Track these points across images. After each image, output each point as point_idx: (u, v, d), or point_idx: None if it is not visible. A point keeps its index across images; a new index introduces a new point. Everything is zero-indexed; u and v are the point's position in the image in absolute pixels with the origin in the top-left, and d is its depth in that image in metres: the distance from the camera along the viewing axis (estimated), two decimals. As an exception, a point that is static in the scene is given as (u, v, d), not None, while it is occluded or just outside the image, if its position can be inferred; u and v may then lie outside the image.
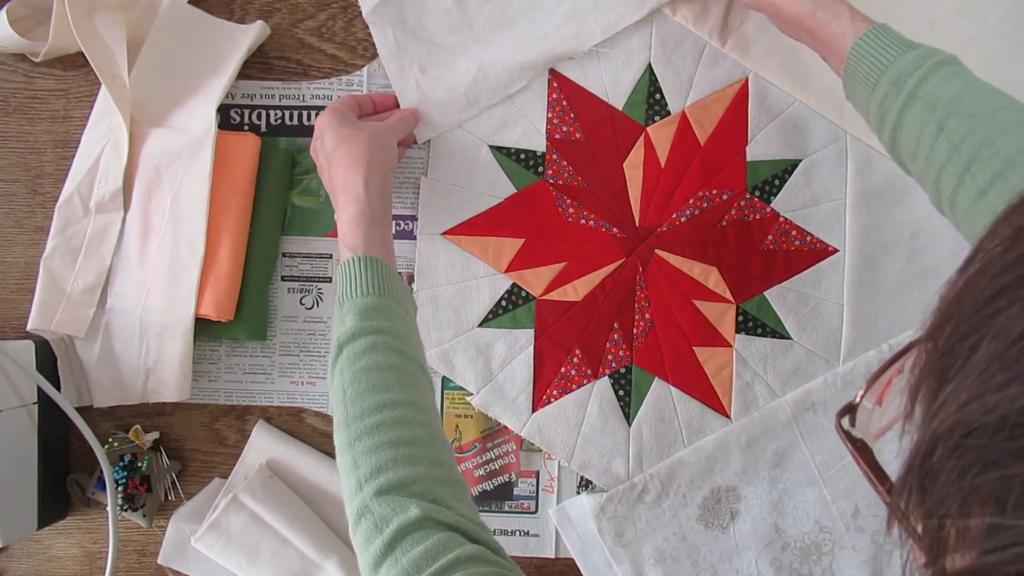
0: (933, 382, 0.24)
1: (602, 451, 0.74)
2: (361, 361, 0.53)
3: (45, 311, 0.72)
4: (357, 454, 0.50)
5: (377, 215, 0.61)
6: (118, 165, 0.72)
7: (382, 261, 0.58)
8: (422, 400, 0.54)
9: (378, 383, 0.52)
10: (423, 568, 0.44)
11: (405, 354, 0.55)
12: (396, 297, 0.58)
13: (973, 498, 0.21)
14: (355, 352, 0.54)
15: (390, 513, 0.47)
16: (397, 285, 0.59)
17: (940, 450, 0.23)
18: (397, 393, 0.52)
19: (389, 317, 0.56)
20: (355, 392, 0.52)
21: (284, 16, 0.75)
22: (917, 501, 0.24)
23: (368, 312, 0.55)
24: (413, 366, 0.55)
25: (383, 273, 0.58)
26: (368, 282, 0.56)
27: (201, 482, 0.76)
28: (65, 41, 0.71)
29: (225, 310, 0.72)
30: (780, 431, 0.74)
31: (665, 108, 0.75)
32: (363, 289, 0.56)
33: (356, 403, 0.52)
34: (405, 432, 0.51)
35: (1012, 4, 0.73)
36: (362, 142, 0.63)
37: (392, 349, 0.54)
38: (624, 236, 0.75)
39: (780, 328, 0.74)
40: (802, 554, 0.74)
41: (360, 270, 0.57)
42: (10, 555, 0.76)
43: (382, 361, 0.53)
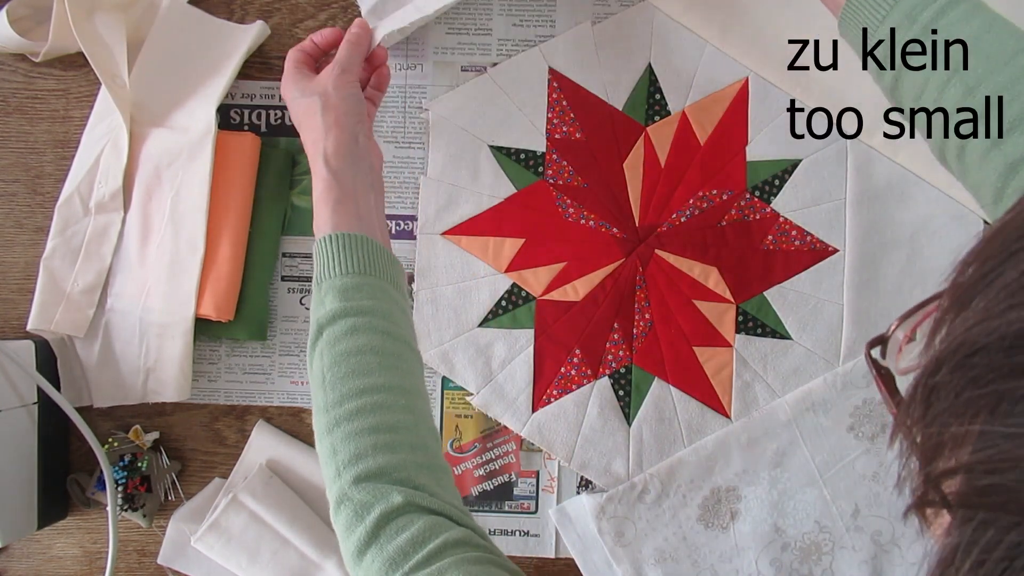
0: (951, 315, 0.26)
1: (602, 451, 0.74)
2: (342, 344, 0.51)
3: (45, 311, 0.72)
4: (336, 440, 0.48)
5: (346, 187, 0.57)
6: (118, 165, 0.72)
7: (358, 235, 0.55)
8: (407, 382, 0.52)
9: (359, 367, 0.50)
10: (410, 555, 0.43)
11: (389, 333, 0.52)
12: (379, 271, 0.55)
13: (969, 409, 0.23)
14: (335, 335, 0.51)
15: (371, 500, 0.45)
16: (379, 258, 0.55)
17: (944, 368, 0.24)
18: (379, 377, 0.50)
19: (372, 295, 0.53)
20: (335, 376, 0.50)
21: (284, 16, 0.75)
22: (920, 414, 0.26)
23: (348, 292, 0.52)
24: (398, 345, 0.53)
25: (361, 247, 0.54)
26: (345, 260, 0.53)
27: (201, 482, 0.76)
28: (65, 41, 0.71)
29: (225, 310, 0.72)
30: (780, 431, 0.73)
31: (665, 108, 0.75)
32: (341, 268, 0.53)
33: (336, 388, 0.50)
34: (386, 417, 0.49)
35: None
36: (314, 112, 0.59)
37: (374, 330, 0.52)
38: (624, 236, 0.75)
39: (780, 328, 0.74)
40: (802, 554, 0.74)
41: (335, 249, 0.54)
42: (10, 555, 0.76)
43: (364, 343, 0.51)
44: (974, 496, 0.22)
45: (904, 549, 0.74)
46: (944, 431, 0.24)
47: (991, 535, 0.22)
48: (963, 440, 0.23)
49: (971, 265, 0.26)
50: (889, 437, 0.28)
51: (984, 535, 0.22)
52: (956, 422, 0.24)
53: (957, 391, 0.24)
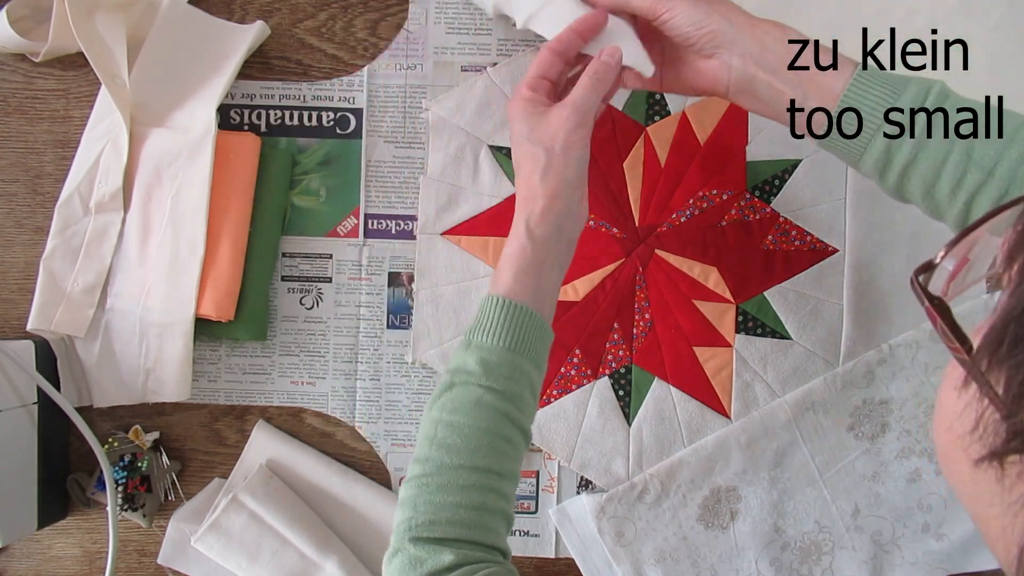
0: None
1: (602, 451, 0.74)
2: (464, 411, 0.53)
3: (45, 311, 0.72)
4: (419, 499, 0.52)
5: (538, 258, 0.56)
6: (118, 165, 0.72)
7: (525, 308, 0.55)
8: (506, 468, 0.54)
9: (469, 441, 0.52)
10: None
11: (509, 417, 0.54)
12: (528, 349, 0.55)
13: None
14: (463, 398, 0.53)
15: (425, 556, 0.50)
16: (533, 335, 0.55)
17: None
18: (483, 458, 0.52)
19: (510, 375, 0.54)
20: (444, 439, 0.52)
21: (284, 16, 0.75)
22: (1007, 353, 0.23)
23: (491, 365, 0.53)
24: (512, 430, 0.54)
25: (522, 323, 0.54)
26: (502, 331, 0.54)
27: (201, 482, 0.76)
28: (65, 41, 0.71)
29: (225, 310, 0.72)
30: (780, 431, 0.74)
31: (665, 108, 0.75)
32: (497, 337, 0.54)
33: (440, 451, 0.52)
34: (473, 498, 0.52)
35: (1012, 4, 0.73)
36: (535, 167, 0.56)
37: (497, 411, 0.53)
38: (624, 236, 0.75)
39: (780, 328, 0.74)
40: (802, 554, 0.74)
41: (499, 315, 0.54)
42: (10, 555, 0.76)
43: (483, 421, 0.53)
44: None
45: (904, 549, 0.74)
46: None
47: None
48: None
49: None
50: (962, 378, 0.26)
51: None
52: None
53: None
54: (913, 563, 0.74)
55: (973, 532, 0.74)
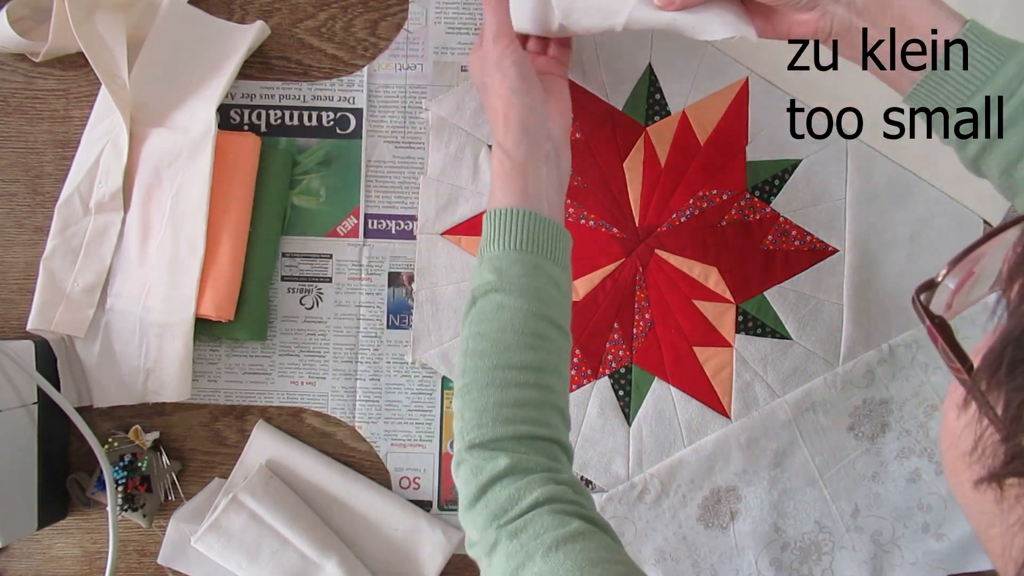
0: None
1: (602, 451, 0.74)
2: (487, 319, 0.55)
3: (45, 311, 0.72)
4: (465, 406, 0.54)
5: (516, 163, 0.58)
6: (118, 165, 0.72)
7: (520, 211, 0.56)
8: (547, 363, 0.55)
9: (498, 343, 0.54)
10: (506, 511, 0.49)
11: (535, 313, 0.55)
12: (538, 247, 0.56)
13: None
14: (485, 308, 0.55)
15: (483, 463, 0.52)
16: (540, 233, 0.57)
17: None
18: (520, 355, 0.54)
19: (525, 272, 0.55)
20: (474, 348, 0.54)
21: (284, 16, 0.75)
22: (1005, 376, 0.23)
23: (502, 268, 0.55)
24: (542, 325, 0.55)
25: (521, 223, 0.56)
26: (504, 236, 0.56)
27: (201, 482, 0.76)
28: (65, 41, 0.71)
29: (225, 310, 0.72)
30: (780, 431, 0.74)
31: (665, 108, 0.75)
32: (499, 244, 0.56)
33: (472, 359, 0.54)
34: (518, 394, 0.53)
35: (1012, 3, 0.73)
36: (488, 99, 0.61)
37: (519, 310, 0.54)
38: (624, 236, 0.75)
39: (780, 328, 0.74)
40: (802, 554, 0.74)
41: (496, 224, 0.56)
42: (10, 555, 0.76)
43: (506, 321, 0.54)
44: None
45: (904, 549, 0.74)
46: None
47: None
48: None
49: None
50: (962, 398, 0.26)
51: None
52: None
53: None
54: (913, 563, 0.74)
55: (973, 532, 0.74)
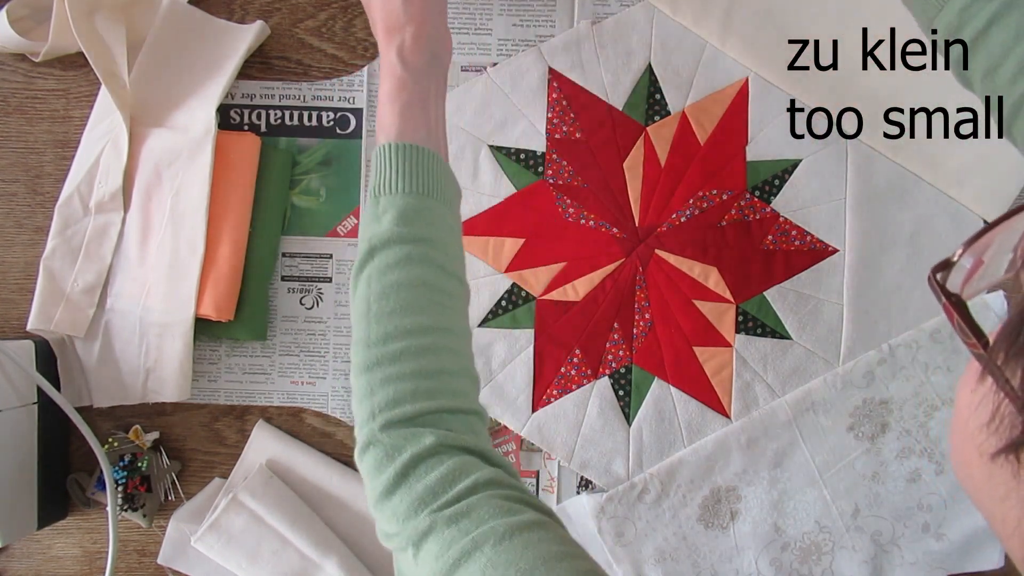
0: None
1: (602, 451, 0.74)
2: (393, 274, 0.48)
3: (45, 311, 0.72)
4: (374, 381, 0.46)
5: (419, 90, 0.52)
6: (118, 165, 0.72)
7: (425, 150, 0.51)
8: (454, 322, 0.50)
9: (409, 302, 0.48)
10: (439, 494, 0.42)
11: (443, 268, 0.50)
12: (439, 192, 0.51)
13: None
14: (388, 262, 0.48)
15: (402, 443, 0.44)
16: (441, 177, 0.51)
17: None
18: (428, 316, 0.48)
19: (431, 221, 0.50)
20: (381, 310, 0.47)
21: (284, 16, 0.75)
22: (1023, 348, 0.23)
23: (407, 215, 0.49)
24: (451, 281, 0.50)
25: (426, 164, 0.50)
26: (409, 176, 0.49)
27: (201, 482, 0.76)
28: (65, 41, 0.71)
29: (225, 310, 0.72)
30: (780, 431, 0.74)
31: (665, 108, 0.75)
32: (403, 184, 0.49)
33: (382, 322, 0.47)
34: (430, 362, 0.47)
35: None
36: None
37: (430, 262, 0.49)
38: (624, 236, 0.75)
39: (780, 328, 0.74)
40: (802, 554, 0.74)
41: (400, 161, 0.50)
42: (10, 555, 0.76)
43: (416, 276, 0.48)
44: None
45: (904, 549, 0.74)
46: None
47: None
48: None
49: None
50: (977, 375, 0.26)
51: None
52: None
53: None
54: (913, 563, 0.74)
55: (973, 532, 0.74)
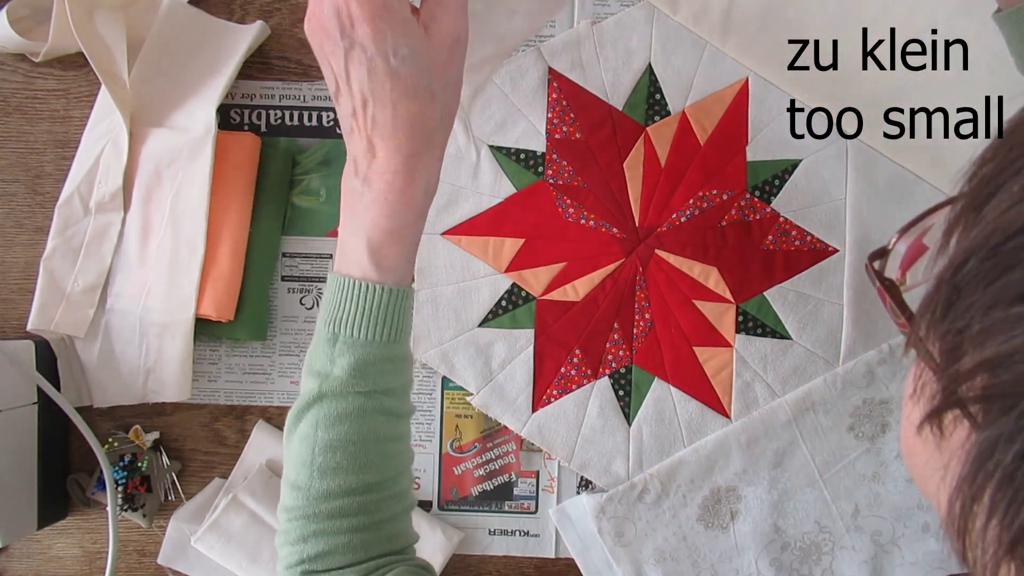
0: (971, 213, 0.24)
1: (602, 451, 0.74)
2: (343, 426, 0.45)
3: (45, 311, 0.72)
4: (307, 531, 0.46)
5: (422, 222, 0.47)
6: (118, 165, 0.72)
7: (400, 291, 0.46)
8: (401, 465, 0.49)
9: (356, 460, 0.46)
10: None
11: (396, 415, 0.48)
12: (403, 333, 0.48)
13: (1002, 297, 0.21)
14: (339, 412, 0.45)
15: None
16: (407, 314, 0.47)
17: (973, 260, 0.23)
18: (374, 474, 0.47)
19: (391, 370, 0.47)
20: (326, 463, 0.46)
21: (284, 16, 0.75)
22: (940, 316, 0.24)
23: (366, 369, 0.45)
24: (402, 423, 0.49)
25: (398, 309, 0.46)
26: (375, 325, 0.45)
27: (201, 482, 0.76)
28: (65, 41, 0.71)
29: (225, 310, 0.72)
30: (780, 431, 0.74)
31: (665, 108, 0.75)
32: (365, 333, 0.45)
33: (325, 478, 0.46)
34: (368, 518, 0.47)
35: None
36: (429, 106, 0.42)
37: (382, 412, 0.47)
38: (624, 236, 0.75)
39: (780, 328, 0.74)
40: (802, 554, 0.74)
41: (368, 305, 0.44)
42: (10, 555, 0.76)
43: (367, 432, 0.46)
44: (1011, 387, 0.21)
45: (904, 549, 0.74)
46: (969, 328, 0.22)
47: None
48: (992, 332, 0.21)
49: (990, 161, 0.24)
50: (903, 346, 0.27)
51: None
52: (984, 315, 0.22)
53: (988, 281, 0.22)
54: (913, 563, 0.74)
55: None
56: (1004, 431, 0.21)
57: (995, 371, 0.21)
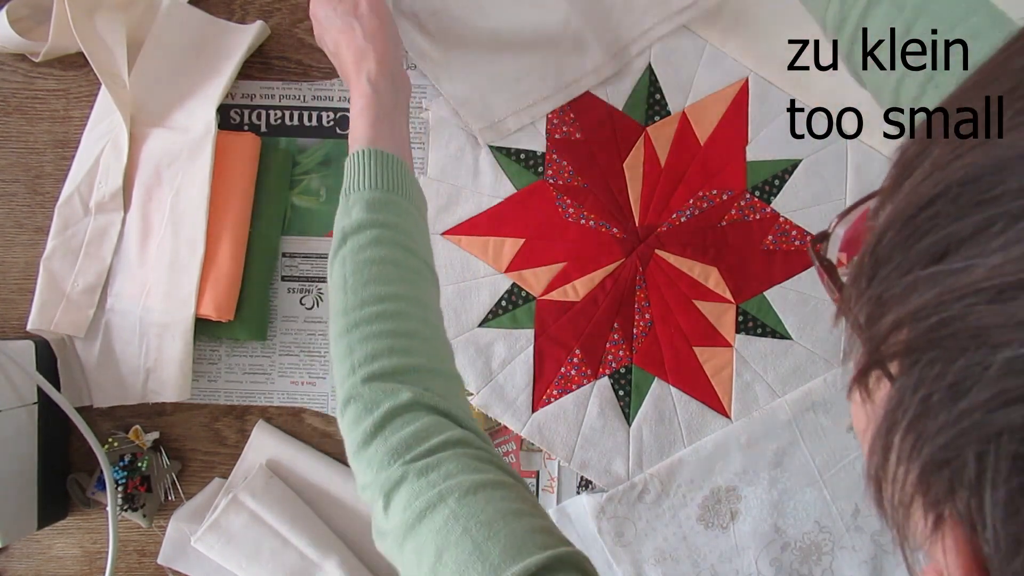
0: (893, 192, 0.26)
1: (602, 451, 0.74)
2: (365, 253, 0.51)
3: (45, 311, 0.72)
4: (353, 340, 0.49)
5: (385, 106, 0.58)
6: (118, 165, 0.72)
7: (390, 155, 0.56)
8: (425, 297, 0.53)
9: (381, 275, 0.51)
10: (412, 447, 0.45)
11: (411, 250, 0.53)
12: (405, 192, 0.56)
13: (918, 261, 0.23)
14: (360, 243, 0.52)
15: (381, 397, 0.47)
16: (407, 180, 0.56)
17: (890, 232, 0.24)
18: (399, 287, 0.51)
19: (397, 212, 0.54)
20: (357, 282, 0.51)
21: (284, 16, 0.75)
22: (865, 285, 0.25)
23: (375, 205, 0.53)
24: (419, 263, 0.54)
25: (392, 167, 0.55)
26: (376, 175, 0.54)
27: (201, 482, 0.76)
28: (65, 41, 0.71)
29: (225, 310, 0.72)
30: (780, 431, 0.73)
31: (665, 108, 0.75)
32: (371, 182, 0.54)
33: (357, 292, 0.50)
34: (405, 324, 0.50)
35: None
36: (352, 30, 0.61)
37: (398, 244, 0.53)
38: (624, 236, 0.75)
39: (780, 328, 0.74)
40: (802, 554, 0.74)
41: (368, 163, 0.55)
42: (10, 555, 0.76)
43: (387, 255, 0.52)
44: (919, 340, 0.22)
45: (904, 549, 0.74)
46: (888, 292, 0.24)
47: (938, 369, 0.21)
48: (909, 291, 0.23)
49: (910, 148, 0.26)
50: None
51: (931, 371, 0.22)
52: (900, 279, 0.23)
53: (905, 248, 0.24)
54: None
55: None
56: (911, 381, 0.22)
57: (907, 328, 0.23)
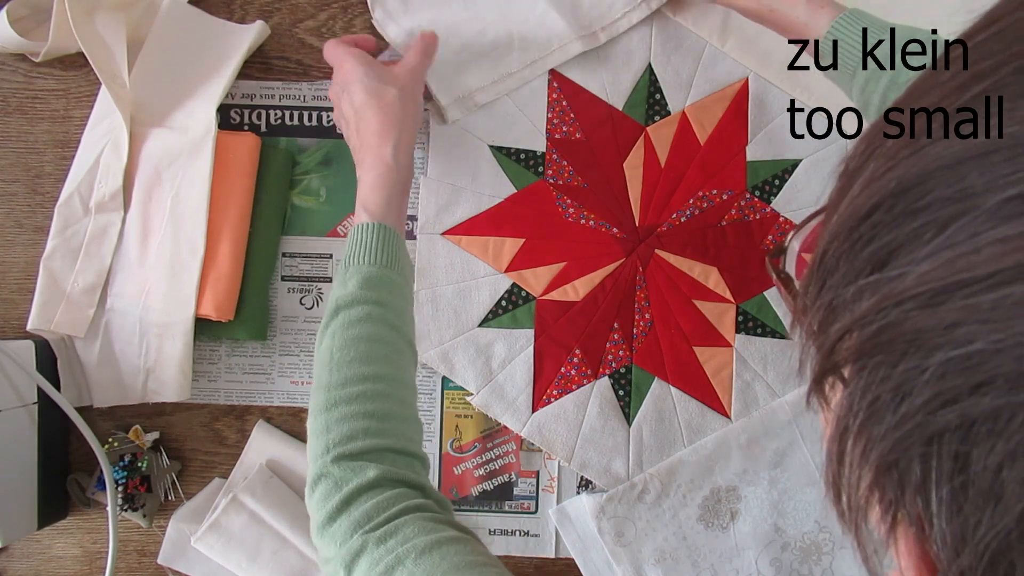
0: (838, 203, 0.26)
1: (602, 451, 0.74)
2: (355, 329, 0.54)
3: (45, 311, 0.72)
4: (331, 419, 0.51)
5: (402, 180, 0.62)
6: (118, 165, 0.72)
7: (393, 231, 0.59)
8: (405, 375, 0.56)
9: (367, 354, 0.53)
10: (373, 518, 0.47)
11: (398, 330, 0.56)
12: (399, 269, 0.59)
13: (863, 269, 0.24)
14: (351, 319, 0.54)
15: (350, 475, 0.49)
16: (402, 256, 0.60)
17: (835, 242, 0.25)
18: (383, 367, 0.54)
19: (390, 290, 0.57)
20: (342, 359, 0.53)
21: (284, 16, 0.75)
22: (815, 294, 0.26)
23: (371, 282, 0.56)
24: (403, 343, 0.56)
25: (392, 243, 0.58)
26: (377, 251, 0.57)
27: (201, 482, 0.76)
28: (65, 41, 0.71)
29: (225, 310, 0.72)
30: (780, 431, 0.73)
31: (665, 108, 0.75)
32: (371, 257, 0.57)
33: (341, 370, 0.53)
34: (383, 405, 0.52)
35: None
36: (394, 102, 0.63)
37: (386, 323, 0.55)
38: (624, 236, 0.75)
39: (780, 328, 0.74)
40: (802, 554, 0.74)
41: (372, 237, 0.58)
42: (10, 555, 0.76)
43: (374, 333, 0.54)
44: (866, 345, 0.23)
45: (904, 549, 0.74)
46: (837, 299, 0.25)
47: (882, 373, 0.22)
48: (855, 298, 0.24)
49: (852, 159, 0.27)
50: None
51: (877, 375, 0.22)
52: (846, 287, 0.24)
53: (850, 257, 0.24)
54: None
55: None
56: (860, 385, 0.23)
57: (855, 334, 0.23)
